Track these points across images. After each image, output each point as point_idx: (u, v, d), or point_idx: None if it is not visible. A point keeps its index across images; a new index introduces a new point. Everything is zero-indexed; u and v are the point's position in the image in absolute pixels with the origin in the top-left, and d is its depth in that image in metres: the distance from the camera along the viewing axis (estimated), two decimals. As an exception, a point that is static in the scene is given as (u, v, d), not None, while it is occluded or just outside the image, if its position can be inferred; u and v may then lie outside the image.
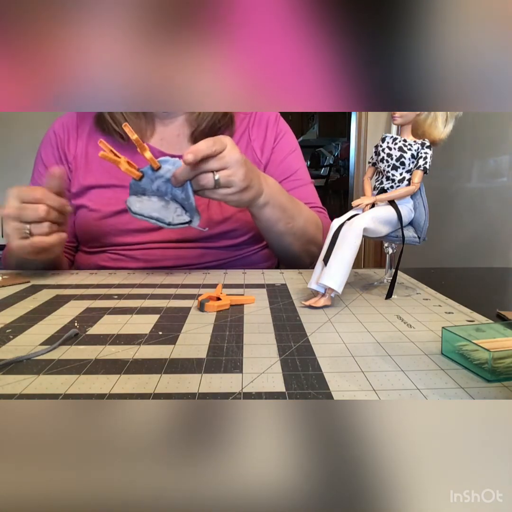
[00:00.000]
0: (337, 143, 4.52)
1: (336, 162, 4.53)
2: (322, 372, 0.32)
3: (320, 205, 0.88)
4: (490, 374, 0.31)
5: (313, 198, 0.87)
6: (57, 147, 0.83)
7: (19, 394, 0.29)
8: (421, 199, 0.52)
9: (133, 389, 0.30)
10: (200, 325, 0.43)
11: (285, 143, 0.88)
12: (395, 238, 0.52)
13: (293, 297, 0.52)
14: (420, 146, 0.50)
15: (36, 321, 0.44)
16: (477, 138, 1.79)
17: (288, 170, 0.86)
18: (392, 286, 0.52)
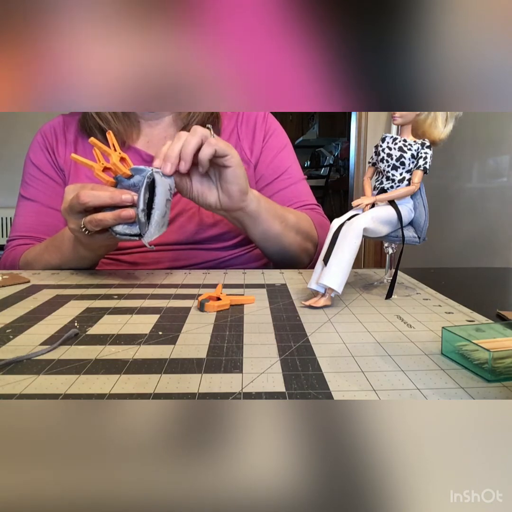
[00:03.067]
0: (337, 143, 4.52)
1: (336, 162, 4.53)
2: (322, 372, 0.32)
3: (314, 202, 0.86)
4: (490, 374, 0.31)
5: (306, 195, 0.85)
6: (47, 150, 0.83)
7: (19, 394, 0.29)
8: (421, 199, 0.52)
9: (133, 389, 0.30)
10: (200, 325, 0.43)
11: (275, 141, 0.86)
12: (395, 238, 0.52)
13: (293, 297, 0.52)
14: (420, 146, 0.50)
15: (36, 321, 0.44)
16: (477, 138, 1.79)
17: (279, 168, 0.84)
18: (392, 286, 0.52)
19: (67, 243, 0.66)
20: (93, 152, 0.56)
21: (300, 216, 0.76)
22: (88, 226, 0.56)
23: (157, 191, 0.56)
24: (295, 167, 0.86)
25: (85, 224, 0.56)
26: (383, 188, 0.52)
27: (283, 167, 0.84)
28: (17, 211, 0.83)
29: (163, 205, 0.56)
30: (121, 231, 0.55)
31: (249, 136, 0.84)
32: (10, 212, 2.68)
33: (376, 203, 0.51)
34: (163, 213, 0.57)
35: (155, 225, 0.56)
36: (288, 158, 0.86)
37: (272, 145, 0.85)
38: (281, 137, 0.88)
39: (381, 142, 0.52)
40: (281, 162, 0.84)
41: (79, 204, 0.55)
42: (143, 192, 0.54)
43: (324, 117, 4.37)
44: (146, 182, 0.55)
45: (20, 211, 0.83)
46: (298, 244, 0.74)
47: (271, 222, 0.68)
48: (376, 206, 0.51)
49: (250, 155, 0.84)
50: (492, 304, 0.49)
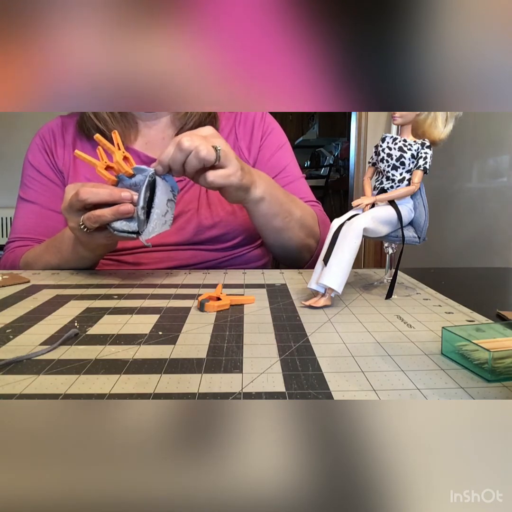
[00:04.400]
0: (337, 143, 4.51)
1: (336, 162, 4.53)
2: (322, 372, 0.32)
3: (314, 199, 0.86)
4: (490, 374, 0.31)
5: (305, 192, 0.85)
6: (46, 151, 0.83)
7: (19, 394, 0.29)
8: (421, 199, 0.52)
9: (133, 389, 0.30)
10: (200, 325, 0.43)
11: (272, 140, 0.86)
12: (395, 238, 0.52)
13: (293, 297, 0.52)
14: (420, 146, 0.50)
15: (36, 321, 0.44)
16: (477, 138, 1.79)
17: (277, 167, 0.84)
18: (392, 286, 0.52)
19: (67, 243, 0.66)
20: (96, 151, 0.57)
21: (306, 211, 0.76)
22: (87, 223, 0.56)
23: (157, 190, 0.57)
24: (293, 165, 0.86)
25: (84, 221, 0.56)
26: (383, 188, 0.52)
27: (281, 165, 0.84)
28: (16, 213, 0.83)
29: (163, 204, 0.57)
30: (119, 227, 0.55)
31: (247, 136, 0.85)
32: (10, 212, 2.68)
33: (376, 203, 0.51)
34: (164, 212, 0.57)
35: (153, 223, 0.56)
36: (286, 157, 0.86)
37: (270, 144, 0.85)
38: (279, 136, 0.88)
39: (381, 142, 0.52)
40: (279, 161, 0.85)
41: (79, 201, 0.55)
42: (144, 191, 0.55)
43: (324, 117, 4.37)
44: (148, 180, 0.55)
45: (19, 213, 0.83)
46: (300, 239, 0.74)
47: (270, 217, 0.69)
48: (376, 206, 0.51)
49: (248, 155, 0.84)
50: (492, 304, 0.49)
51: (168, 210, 0.58)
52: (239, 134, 0.84)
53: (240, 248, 0.81)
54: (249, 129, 0.85)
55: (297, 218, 0.72)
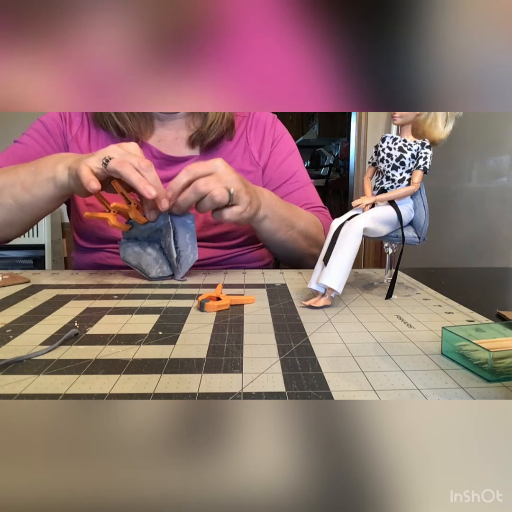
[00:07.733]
0: (337, 143, 4.51)
1: (336, 162, 4.53)
2: (322, 372, 0.32)
3: (321, 205, 0.89)
4: (490, 374, 0.31)
5: (314, 198, 0.88)
6: (63, 117, 0.82)
7: (19, 394, 0.29)
8: (421, 199, 0.52)
9: (133, 389, 0.30)
10: (200, 325, 0.43)
11: (283, 146, 0.88)
12: (395, 238, 0.52)
13: (293, 297, 0.52)
14: (420, 146, 0.50)
15: (36, 321, 0.44)
16: (477, 138, 1.79)
17: (287, 172, 0.86)
18: (392, 286, 0.52)
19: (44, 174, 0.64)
20: (109, 143, 0.59)
21: (310, 221, 0.78)
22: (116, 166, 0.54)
23: (177, 231, 0.61)
24: (302, 171, 0.89)
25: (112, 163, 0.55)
26: (383, 188, 0.52)
27: (291, 171, 0.87)
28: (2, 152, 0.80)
29: (184, 242, 0.61)
30: (155, 276, 0.62)
31: (258, 140, 0.87)
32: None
33: (376, 203, 0.51)
34: (186, 249, 0.62)
35: (184, 264, 0.62)
36: (296, 163, 0.89)
37: (280, 150, 0.88)
38: (289, 142, 0.90)
39: (381, 142, 0.52)
40: (289, 167, 0.87)
41: (114, 171, 0.54)
42: (171, 241, 0.60)
43: (324, 117, 4.37)
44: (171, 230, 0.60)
45: (4, 151, 0.80)
46: (303, 249, 0.77)
47: (273, 232, 0.71)
48: (376, 206, 0.51)
49: (258, 158, 0.86)
50: (492, 304, 0.49)
51: (189, 244, 0.62)
52: (250, 139, 0.86)
53: (244, 247, 0.83)
54: (260, 134, 0.87)
55: (300, 230, 0.74)
